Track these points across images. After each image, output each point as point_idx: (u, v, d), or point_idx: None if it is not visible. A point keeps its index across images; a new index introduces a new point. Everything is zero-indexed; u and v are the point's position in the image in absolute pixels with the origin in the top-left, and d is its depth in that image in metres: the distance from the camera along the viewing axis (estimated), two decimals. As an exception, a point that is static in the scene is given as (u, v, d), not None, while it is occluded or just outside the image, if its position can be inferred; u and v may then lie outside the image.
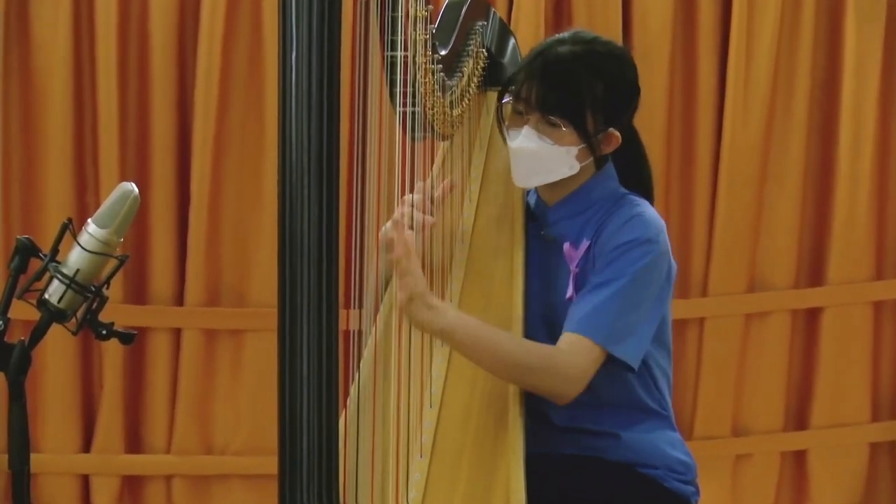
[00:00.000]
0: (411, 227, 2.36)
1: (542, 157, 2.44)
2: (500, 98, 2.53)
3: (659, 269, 2.41)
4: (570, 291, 2.43)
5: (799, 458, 4.40)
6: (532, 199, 2.60)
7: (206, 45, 4.00)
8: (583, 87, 2.41)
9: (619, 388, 2.45)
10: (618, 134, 2.46)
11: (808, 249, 4.36)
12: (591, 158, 2.47)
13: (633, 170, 2.55)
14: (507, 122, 2.50)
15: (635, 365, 2.39)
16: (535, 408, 2.41)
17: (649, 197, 2.54)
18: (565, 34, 2.50)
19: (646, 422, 2.50)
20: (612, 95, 2.44)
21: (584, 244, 2.44)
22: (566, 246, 2.45)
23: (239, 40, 4.05)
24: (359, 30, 2.03)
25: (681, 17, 4.23)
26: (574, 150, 2.44)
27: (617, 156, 2.52)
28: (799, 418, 4.40)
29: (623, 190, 2.51)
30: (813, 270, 4.37)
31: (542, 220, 2.54)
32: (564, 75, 2.42)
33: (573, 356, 2.34)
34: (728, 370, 4.29)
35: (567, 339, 2.35)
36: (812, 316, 4.37)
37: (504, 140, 2.50)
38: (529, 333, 2.41)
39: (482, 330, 2.32)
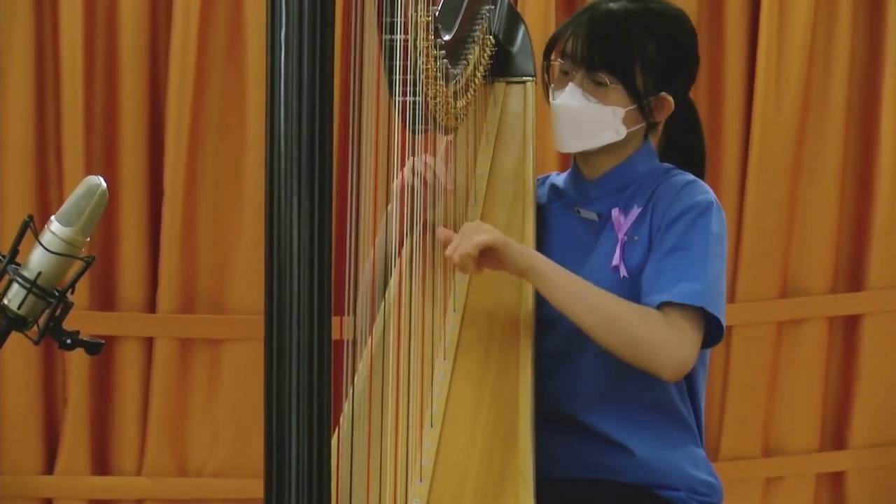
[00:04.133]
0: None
1: (585, 117, 2.47)
2: (545, 56, 2.54)
3: (726, 235, 2.48)
4: (616, 259, 2.45)
5: (836, 480, 4.41)
6: (560, 180, 2.62)
7: (181, 24, 4.00)
8: (632, 43, 2.45)
9: (654, 387, 2.46)
10: (671, 99, 2.49)
11: (846, 250, 4.37)
12: (640, 125, 2.50)
13: (687, 146, 2.59)
14: (552, 83, 2.52)
15: (724, 331, 2.42)
16: (549, 406, 2.42)
17: (699, 176, 2.56)
18: None
19: (670, 433, 2.51)
20: (665, 57, 2.47)
21: (635, 210, 2.47)
22: (615, 212, 2.49)
23: (217, 19, 4.06)
24: (354, 10, 2.03)
25: (706, -6, 4.24)
26: (621, 111, 2.46)
27: (670, 129, 2.54)
28: (836, 437, 4.41)
29: (665, 164, 2.55)
30: (852, 274, 4.37)
31: (580, 197, 2.57)
32: (612, 30, 2.46)
33: (682, 329, 2.36)
34: (758, 384, 4.30)
35: (671, 312, 2.36)
36: (851, 324, 4.38)
37: (547, 100, 2.53)
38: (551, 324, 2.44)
39: (576, 277, 2.37)
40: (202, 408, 4.15)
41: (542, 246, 2.52)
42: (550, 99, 2.52)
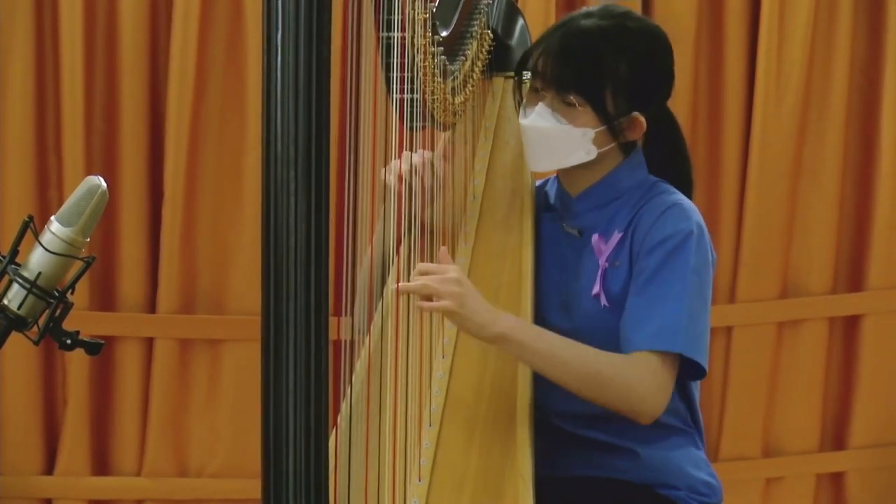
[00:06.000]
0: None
1: (554, 137, 2.44)
2: (517, 73, 2.54)
3: (710, 263, 2.44)
4: (596, 287, 2.43)
5: (836, 480, 4.40)
6: (552, 191, 2.61)
7: (181, 24, 4.00)
8: (603, 64, 2.42)
9: None
10: (643, 119, 2.46)
11: (846, 251, 4.36)
12: (613, 144, 2.47)
13: (668, 161, 2.56)
14: (524, 100, 2.51)
15: (707, 369, 2.40)
16: (549, 420, 2.43)
17: (687, 192, 2.54)
18: (594, 7, 2.50)
19: (669, 437, 2.51)
20: (638, 77, 2.44)
21: (616, 236, 2.45)
22: (595, 237, 2.46)
23: (217, 19, 4.06)
24: (351, 8, 2.03)
25: (707, -4, 4.24)
26: (591, 132, 2.44)
27: (650, 145, 2.52)
28: (836, 437, 4.41)
29: (653, 178, 2.52)
30: (852, 274, 4.37)
31: (564, 212, 2.55)
32: (583, 50, 2.42)
33: (655, 375, 2.34)
34: (758, 384, 4.30)
35: (644, 357, 2.35)
36: (851, 324, 4.37)
37: (518, 117, 2.52)
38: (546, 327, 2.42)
39: (547, 335, 2.34)
40: (202, 408, 4.15)
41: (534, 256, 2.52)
42: (521, 117, 2.49)
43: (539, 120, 2.44)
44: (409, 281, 2.30)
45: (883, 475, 4.38)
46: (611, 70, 2.41)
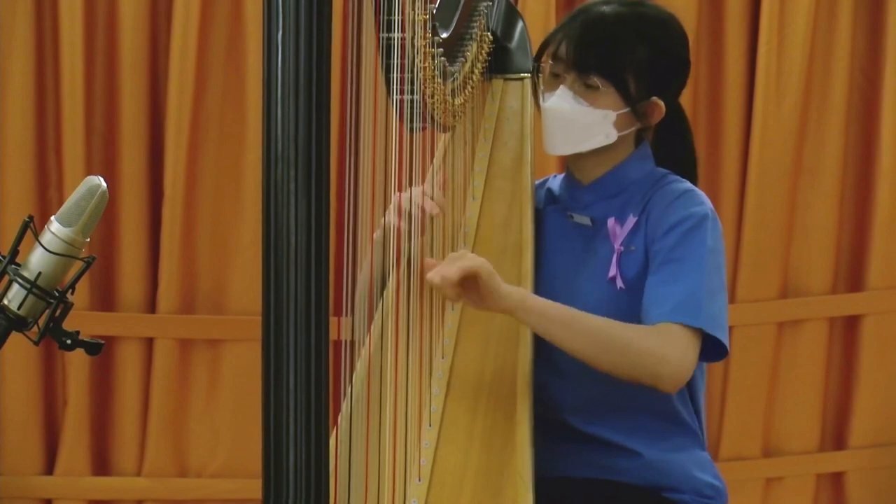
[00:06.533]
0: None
1: (576, 120, 2.46)
2: (536, 59, 2.55)
3: (723, 249, 2.46)
4: (613, 270, 2.44)
5: (836, 480, 4.41)
6: (556, 184, 2.62)
7: (181, 23, 4.00)
8: (624, 47, 2.45)
9: (654, 395, 2.44)
10: (662, 104, 2.49)
11: (846, 251, 4.37)
12: (631, 129, 2.49)
13: (676, 152, 2.58)
14: (542, 87, 2.52)
15: (728, 348, 2.40)
16: (555, 416, 2.43)
17: (692, 183, 2.55)
18: None
19: (674, 438, 2.51)
20: (656, 62, 2.47)
21: (631, 220, 2.46)
22: (611, 221, 2.47)
23: (217, 19, 4.06)
24: (351, 9, 2.03)
25: (707, -6, 4.25)
26: (612, 115, 2.46)
27: (658, 136, 2.54)
28: (836, 437, 4.41)
29: (661, 170, 2.54)
30: (852, 274, 4.37)
31: (572, 202, 2.56)
32: (604, 34, 2.46)
33: (678, 341, 2.34)
34: (758, 384, 4.30)
35: (666, 326, 2.35)
36: (851, 324, 4.38)
37: (538, 105, 2.54)
38: None
39: (563, 306, 2.34)
40: (202, 408, 4.16)
41: (537, 250, 2.52)
42: (541, 102, 2.51)
43: (560, 102, 2.46)
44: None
45: (883, 475, 4.39)
46: (631, 53, 2.45)
